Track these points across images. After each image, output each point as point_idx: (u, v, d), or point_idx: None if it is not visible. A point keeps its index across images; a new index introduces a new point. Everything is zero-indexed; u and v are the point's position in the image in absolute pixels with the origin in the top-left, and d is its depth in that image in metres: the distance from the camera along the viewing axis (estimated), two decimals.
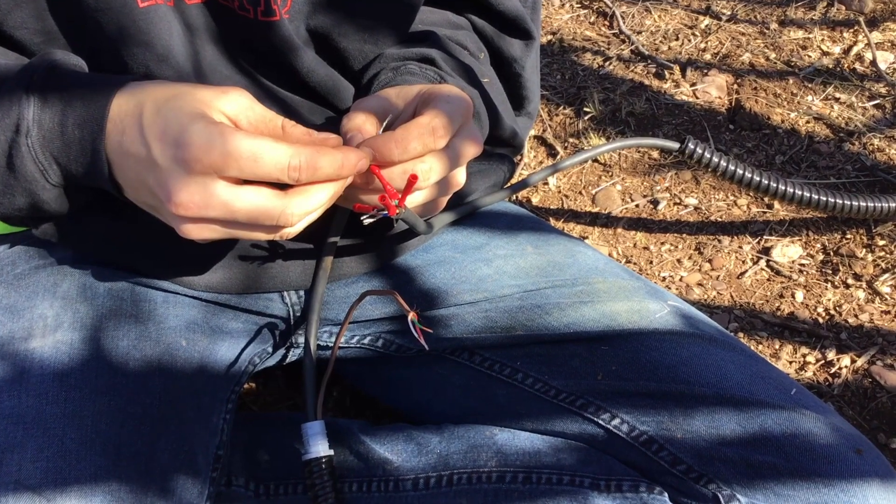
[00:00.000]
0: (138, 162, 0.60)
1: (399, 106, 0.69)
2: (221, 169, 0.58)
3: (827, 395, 1.05)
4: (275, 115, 0.63)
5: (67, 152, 0.63)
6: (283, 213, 0.60)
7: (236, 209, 0.59)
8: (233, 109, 0.61)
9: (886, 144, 1.33)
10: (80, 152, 0.63)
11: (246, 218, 0.60)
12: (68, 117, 0.62)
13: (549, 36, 1.66)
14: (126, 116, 0.61)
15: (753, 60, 1.52)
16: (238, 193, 0.59)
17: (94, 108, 0.62)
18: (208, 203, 0.58)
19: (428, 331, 0.73)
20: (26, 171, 0.63)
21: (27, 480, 0.68)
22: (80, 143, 0.62)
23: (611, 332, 0.81)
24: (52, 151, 0.63)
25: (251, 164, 0.58)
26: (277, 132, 0.62)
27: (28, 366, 0.73)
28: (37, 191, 0.65)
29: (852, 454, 0.72)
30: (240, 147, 0.57)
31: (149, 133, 0.59)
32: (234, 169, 0.58)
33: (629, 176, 1.36)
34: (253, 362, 0.86)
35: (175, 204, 0.58)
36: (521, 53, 0.89)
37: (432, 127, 0.63)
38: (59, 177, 0.65)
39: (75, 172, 0.64)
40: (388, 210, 0.64)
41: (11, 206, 0.67)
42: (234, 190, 0.59)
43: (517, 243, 0.90)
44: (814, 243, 1.23)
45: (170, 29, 0.71)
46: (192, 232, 0.61)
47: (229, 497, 0.89)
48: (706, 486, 0.73)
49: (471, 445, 0.81)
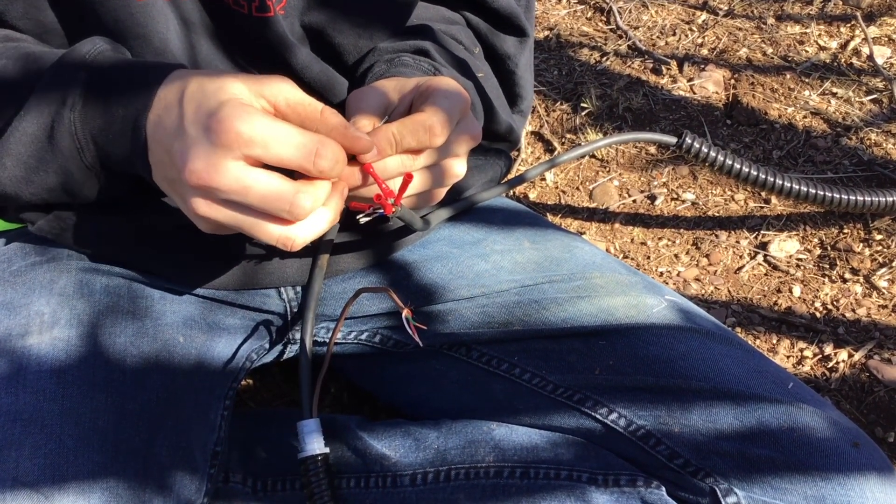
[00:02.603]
0: (169, 132, 0.60)
1: (396, 100, 0.69)
2: (246, 145, 0.57)
3: (824, 389, 1.06)
4: (315, 101, 0.62)
5: (107, 131, 0.63)
6: (296, 197, 0.59)
7: (249, 186, 0.58)
8: (273, 92, 0.61)
9: (883, 139, 1.33)
10: (120, 132, 0.63)
11: (258, 200, 0.59)
12: (114, 95, 0.63)
13: (546, 31, 1.66)
14: (170, 94, 0.61)
15: (750, 55, 1.52)
16: (254, 171, 0.59)
17: (142, 89, 0.62)
18: (223, 175, 0.57)
19: (422, 327, 0.73)
20: (64, 146, 0.64)
21: (25, 477, 0.67)
22: (122, 120, 0.63)
23: (608, 327, 0.81)
24: (92, 130, 0.64)
25: (277, 146, 0.58)
26: (316, 117, 0.62)
27: (25, 363, 0.73)
28: (71, 169, 0.65)
29: (849, 448, 0.72)
30: (270, 127, 0.57)
31: (187, 104, 0.59)
32: (259, 147, 0.57)
33: (626, 171, 1.36)
34: (250, 359, 0.86)
35: (189, 171, 0.58)
36: (514, 51, 0.89)
37: (429, 125, 0.63)
38: (94, 157, 0.65)
39: (111, 153, 0.65)
40: (385, 209, 0.64)
41: (43, 184, 0.67)
42: (250, 168, 0.58)
43: (514, 239, 0.90)
44: (811, 238, 1.23)
45: (167, 23, 0.71)
46: (199, 207, 0.60)
47: (227, 493, 0.89)
48: (703, 480, 0.73)
49: (468, 441, 0.81)
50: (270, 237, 0.62)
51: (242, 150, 0.57)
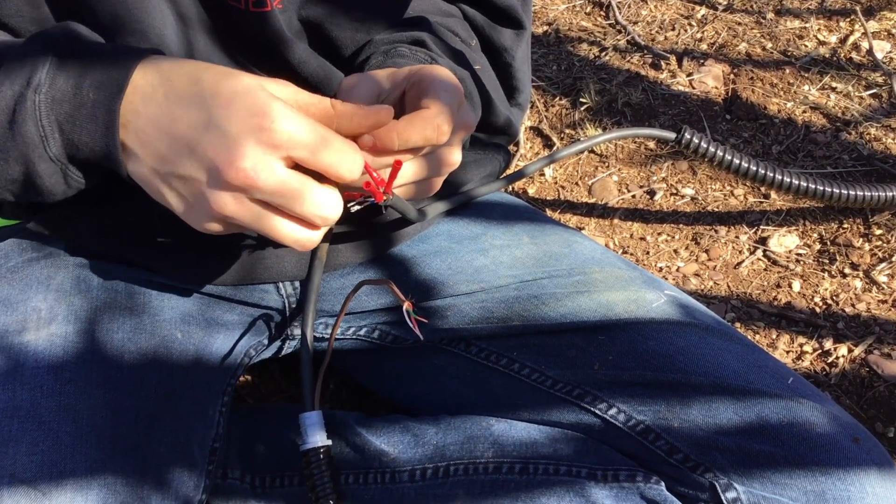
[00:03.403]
0: (189, 127, 0.59)
1: (388, 87, 0.68)
2: (294, 147, 0.57)
3: (824, 384, 1.05)
4: (322, 98, 0.62)
5: (74, 117, 0.60)
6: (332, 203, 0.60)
7: (293, 189, 0.59)
8: (282, 94, 0.60)
9: (883, 134, 1.33)
10: (89, 117, 0.60)
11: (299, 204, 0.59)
12: (85, 79, 0.60)
13: (545, 27, 1.66)
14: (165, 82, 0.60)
15: (750, 50, 1.52)
16: (295, 174, 0.59)
17: (115, 71, 0.60)
18: (270, 175, 0.57)
19: (423, 321, 0.73)
20: (26, 131, 0.61)
21: (22, 474, 0.67)
22: (92, 106, 0.60)
23: (607, 322, 0.80)
24: (58, 116, 0.60)
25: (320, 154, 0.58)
26: (329, 113, 0.62)
27: (22, 359, 0.73)
28: (33, 158, 0.62)
29: (850, 443, 0.72)
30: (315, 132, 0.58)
31: (212, 100, 0.58)
32: (305, 150, 0.58)
33: (626, 166, 1.36)
34: (249, 354, 0.86)
35: (237, 168, 0.57)
36: (511, 43, 0.88)
37: (437, 123, 0.63)
38: (59, 147, 0.62)
39: (78, 142, 0.61)
40: (375, 197, 0.63)
41: (5, 175, 0.63)
42: (291, 171, 0.59)
43: (513, 233, 0.89)
44: (811, 233, 1.22)
45: (163, 19, 0.70)
46: (228, 205, 0.59)
47: (225, 490, 0.88)
48: (703, 475, 0.73)
49: (467, 436, 0.81)
50: (288, 238, 0.62)
51: (290, 152, 0.58)
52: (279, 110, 0.57)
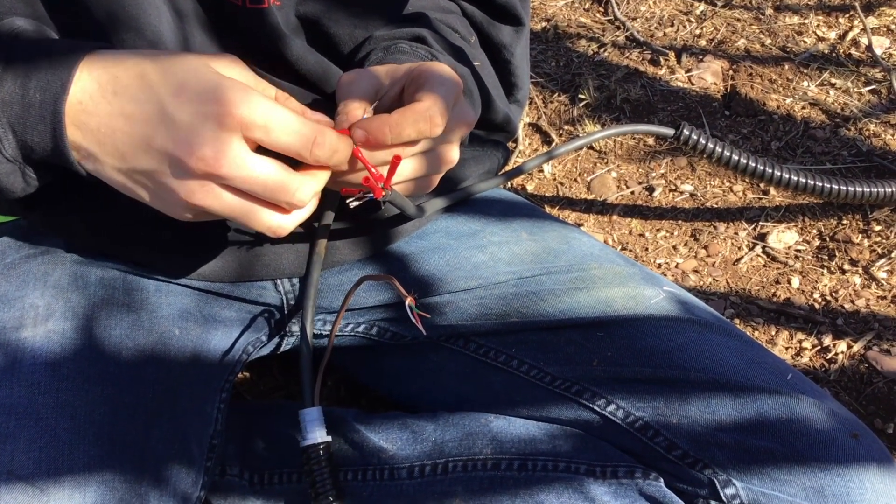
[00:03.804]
0: (143, 122, 0.58)
1: (387, 83, 0.68)
2: (250, 128, 0.57)
3: (823, 380, 1.05)
4: (268, 85, 0.62)
5: (25, 119, 0.59)
6: (299, 187, 0.59)
7: (255, 174, 0.58)
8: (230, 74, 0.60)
9: (882, 130, 1.33)
10: (38, 118, 0.59)
11: (262, 188, 0.58)
12: (31, 80, 0.59)
13: (544, 23, 1.65)
14: (112, 79, 0.59)
15: (749, 46, 1.52)
16: (257, 158, 0.58)
17: (58, 71, 0.59)
18: (231, 161, 0.57)
19: (426, 316, 0.73)
20: None
21: (20, 471, 0.67)
22: (39, 107, 0.59)
23: (606, 319, 0.80)
24: (10, 118, 0.60)
25: (279, 131, 0.57)
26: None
27: (20, 356, 0.73)
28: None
29: (849, 439, 0.71)
30: (272, 111, 0.57)
31: (162, 90, 0.57)
32: (260, 131, 0.57)
33: (624, 163, 1.36)
34: (247, 351, 0.85)
35: (198, 158, 0.56)
36: (510, 40, 0.88)
37: (429, 115, 0.62)
38: (14, 149, 0.61)
39: (31, 143, 0.60)
40: (374, 192, 0.63)
41: None
42: (255, 155, 0.58)
43: (512, 230, 0.89)
44: (810, 229, 1.22)
45: (159, 15, 0.70)
46: (196, 194, 0.58)
47: (223, 486, 0.88)
48: (702, 472, 0.73)
49: (466, 433, 0.81)
50: (262, 225, 0.61)
51: (246, 133, 0.57)
52: (230, 92, 0.57)
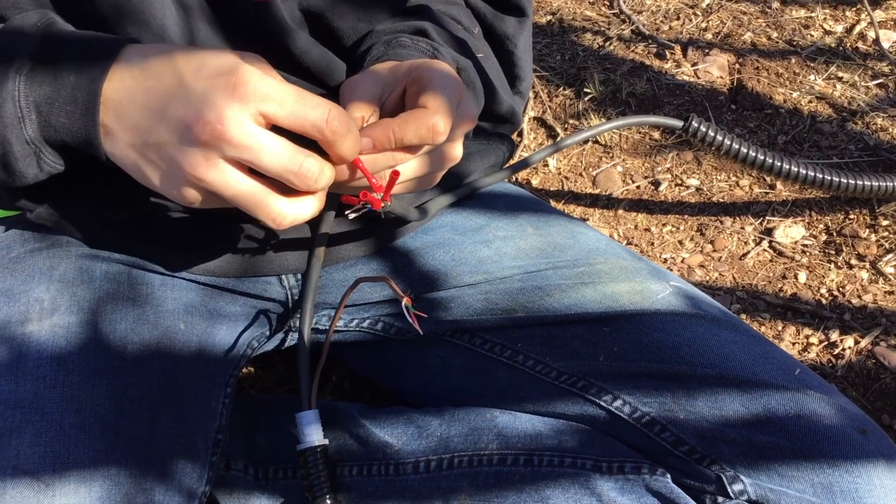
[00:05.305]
0: (161, 94, 0.58)
1: (389, 84, 0.68)
2: (262, 99, 0.57)
3: (830, 376, 1.05)
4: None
5: (54, 98, 0.60)
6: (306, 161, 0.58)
7: (262, 144, 0.57)
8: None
9: (889, 124, 1.32)
10: (69, 98, 0.60)
11: (269, 159, 0.58)
12: (66, 62, 0.60)
13: (549, 16, 1.65)
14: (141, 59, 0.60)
15: (755, 40, 1.51)
16: (266, 132, 0.58)
17: (100, 55, 0.60)
18: (238, 126, 0.56)
19: (423, 315, 0.73)
20: (5, 111, 0.61)
21: (25, 465, 0.67)
22: (73, 86, 0.60)
23: (612, 314, 0.80)
24: (37, 98, 0.61)
25: (293, 104, 0.57)
26: None
27: (25, 350, 0.73)
28: (10, 138, 0.61)
29: (857, 435, 0.71)
30: (287, 89, 0.57)
31: (183, 67, 0.58)
32: (274, 104, 0.57)
33: (630, 157, 1.35)
34: (251, 346, 0.85)
35: (204, 122, 0.56)
36: (513, 31, 0.88)
37: (432, 124, 0.62)
38: (35, 130, 0.61)
39: (55, 123, 0.61)
40: (373, 204, 0.63)
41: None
42: (264, 130, 0.58)
43: (517, 224, 0.89)
44: (817, 224, 1.22)
45: (164, 8, 0.70)
46: (200, 166, 0.58)
47: (228, 481, 0.88)
48: (709, 468, 0.72)
49: (471, 428, 0.81)
50: (266, 213, 0.60)
51: (258, 105, 0.57)
52: (249, 68, 0.57)
